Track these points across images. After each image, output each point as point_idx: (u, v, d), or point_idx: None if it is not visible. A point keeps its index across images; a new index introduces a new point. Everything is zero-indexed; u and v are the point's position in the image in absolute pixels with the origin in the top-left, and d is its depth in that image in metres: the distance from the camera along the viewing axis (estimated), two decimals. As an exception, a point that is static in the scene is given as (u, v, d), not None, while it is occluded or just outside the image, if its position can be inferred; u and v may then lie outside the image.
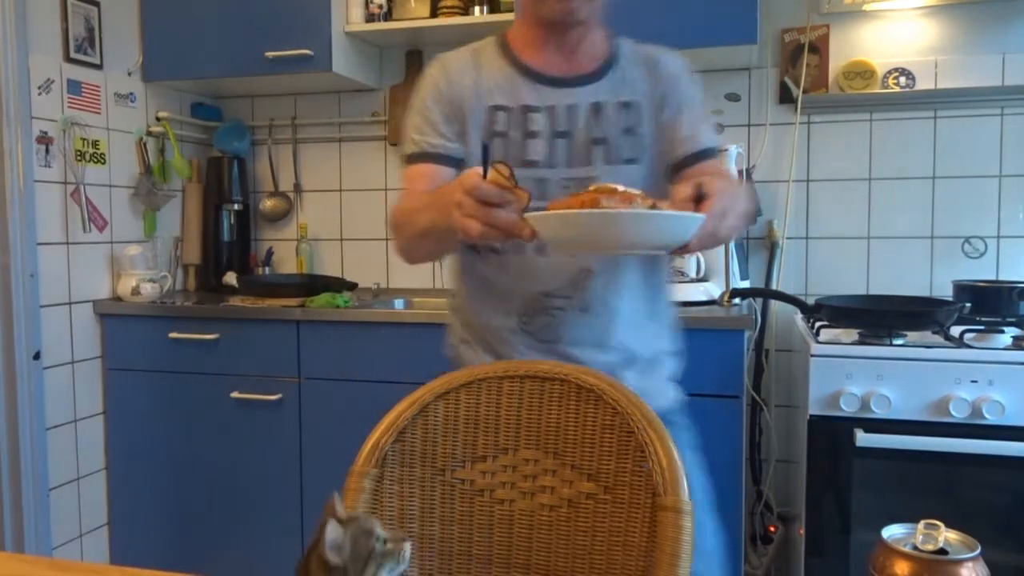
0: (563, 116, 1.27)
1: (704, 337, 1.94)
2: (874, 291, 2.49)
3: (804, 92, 2.47)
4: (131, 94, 2.65)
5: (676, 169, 1.26)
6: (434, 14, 2.55)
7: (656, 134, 1.28)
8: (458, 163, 1.29)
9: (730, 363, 1.98)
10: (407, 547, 0.79)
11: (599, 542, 1.04)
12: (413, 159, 1.30)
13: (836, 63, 2.47)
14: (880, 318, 1.97)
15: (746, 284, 2.42)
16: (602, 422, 1.06)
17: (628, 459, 1.03)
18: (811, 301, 2.10)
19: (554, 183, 1.27)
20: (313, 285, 2.51)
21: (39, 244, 2.30)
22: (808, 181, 2.54)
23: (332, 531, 0.76)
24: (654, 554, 0.96)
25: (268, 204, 2.97)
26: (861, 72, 2.43)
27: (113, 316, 2.50)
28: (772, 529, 2.45)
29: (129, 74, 2.64)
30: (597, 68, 1.29)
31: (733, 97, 2.56)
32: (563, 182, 1.27)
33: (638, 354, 1.29)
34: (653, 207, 0.95)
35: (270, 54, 2.50)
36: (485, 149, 0.93)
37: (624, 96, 1.28)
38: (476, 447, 1.11)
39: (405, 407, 1.11)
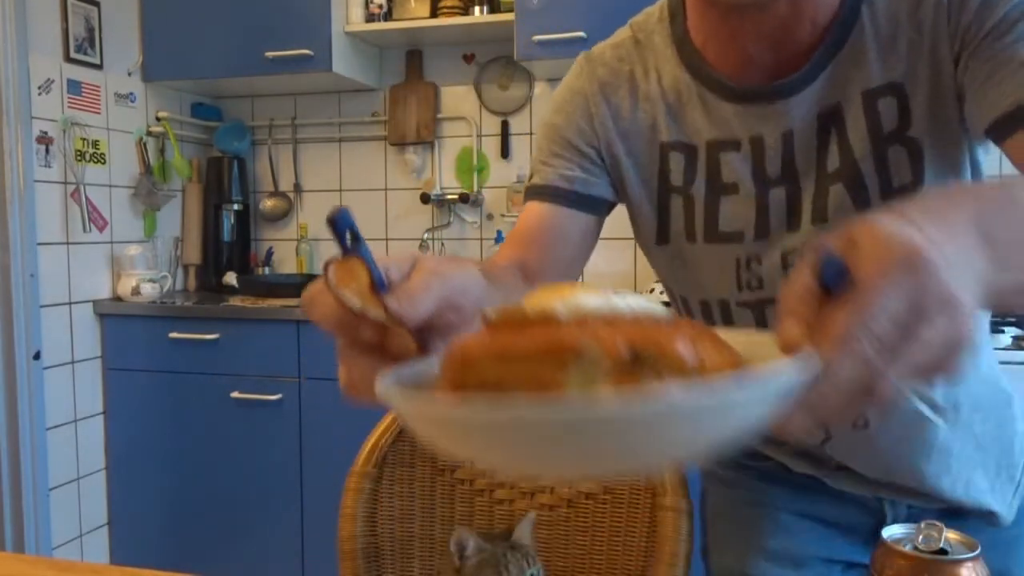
0: (776, 151, 0.78)
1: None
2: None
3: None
4: (131, 94, 2.65)
5: (997, 139, 0.69)
6: (434, 14, 2.55)
7: (967, 105, 0.71)
8: (599, 206, 0.86)
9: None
10: None
11: (599, 542, 1.04)
12: (528, 195, 0.87)
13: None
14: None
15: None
16: (602, 422, 1.06)
17: (628, 459, 1.03)
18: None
19: (769, 266, 0.80)
20: (313, 285, 2.51)
21: (39, 244, 2.31)
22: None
23: (466, 536, 0.76)
24: (654, 554, 0.96)
25: (268, 204, 2.97)
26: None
27: (113, 316, 2.50)
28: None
29: (129, 74, 2.64)
30: (827, 41, 0.74)
31: None
32: (781, 264, 0.80)
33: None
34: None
35: (270, 54, 2.50)
36: (333, 223, 0.49)
37: (879, 75, 0.74)
38: (476, 447, 1.11)
39: (405, 407, 1.11)
